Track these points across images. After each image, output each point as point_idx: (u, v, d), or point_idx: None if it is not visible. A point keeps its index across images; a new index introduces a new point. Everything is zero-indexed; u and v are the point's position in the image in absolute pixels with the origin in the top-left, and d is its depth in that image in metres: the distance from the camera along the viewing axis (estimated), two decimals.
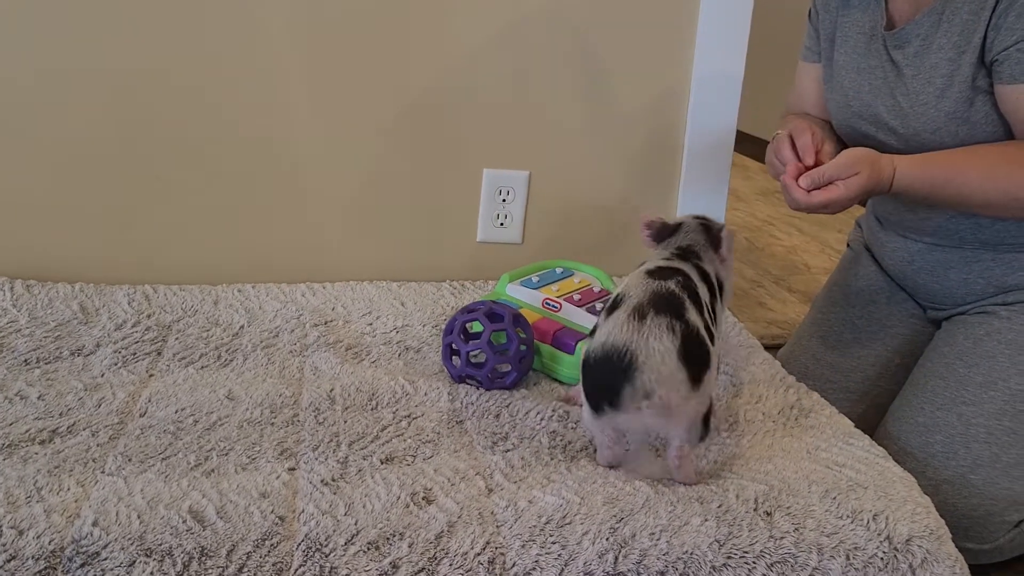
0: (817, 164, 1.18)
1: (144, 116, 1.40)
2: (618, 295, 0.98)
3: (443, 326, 1.23)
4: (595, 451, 1.02)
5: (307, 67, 1.44)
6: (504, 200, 1.55)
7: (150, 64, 1.39)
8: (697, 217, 1.14)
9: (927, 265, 1.35)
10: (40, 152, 1.39)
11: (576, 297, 1.30)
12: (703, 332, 0.95)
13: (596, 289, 1.33)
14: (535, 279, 1.34)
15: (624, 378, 0.90)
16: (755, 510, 0.93)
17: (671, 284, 0.97)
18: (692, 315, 0.94)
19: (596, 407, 0.94)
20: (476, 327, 1.18)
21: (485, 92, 1.50)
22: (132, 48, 1.38)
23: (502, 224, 1.56)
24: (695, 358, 0.92)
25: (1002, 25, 1.15)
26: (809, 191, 1.14)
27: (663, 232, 1.12)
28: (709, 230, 1.11)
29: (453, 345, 1.18)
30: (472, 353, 1.16)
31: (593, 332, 0.98)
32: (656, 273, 0.99)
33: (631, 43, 1.53)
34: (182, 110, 1.41)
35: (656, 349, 0.90)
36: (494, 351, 1.15)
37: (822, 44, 1.42)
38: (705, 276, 1.05)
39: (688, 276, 1.01)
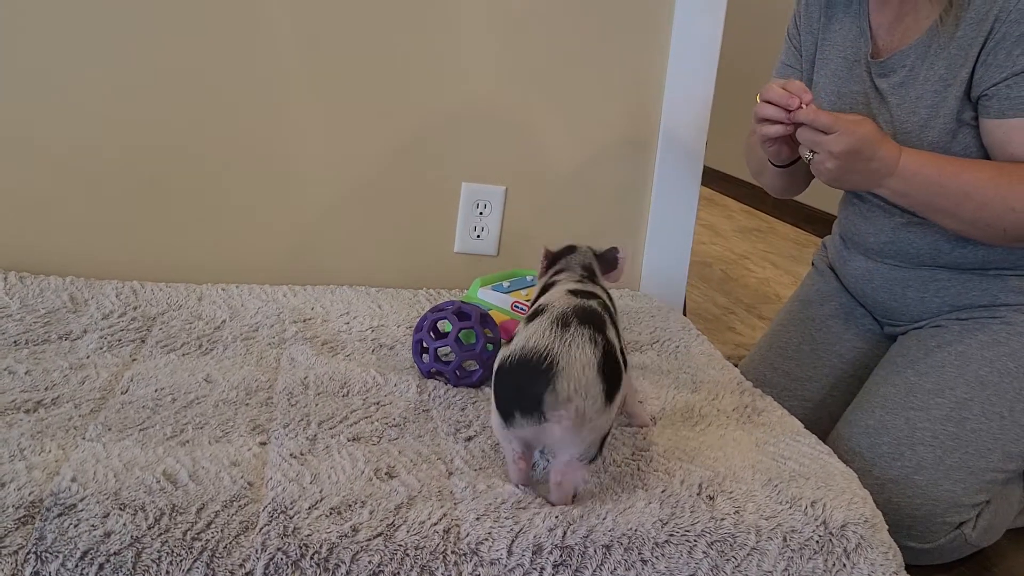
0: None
1: (139, 123, 1.47)
2: (539, 306, 0.97)
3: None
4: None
5: (295, 83, 1.51)
6: (481, 213, 1.62)
7: (144, 71, 1.46)
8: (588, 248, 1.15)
9: (886, 283, 1.41)
10: (36, 154, 1.45)
11: None
12: (619, 354, 0.94)
13: None
14: (506, 284, 1.40)
15: (544, 383, 0.87)
16: (699, 494, 0.99)
17: (593, 303, 0.97)
18: (611, 334, 0.94)
19: (507, 415, 0.91)
20: (446, 327, 1.24)
21: (466, 110, 1.58)
22: (126, 53, 1.45)
23: (479, 236, 1.63)
24: (611, 376, 0.91)
25: (991, 62, 1.19)
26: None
27: (555, 258, 1.13)
28: (604, 256, 1.13)
29: (423, 342, 1.23)
30: (440, 350, 1.22)
31: (510, 340, 0.95)
32: (577, 293, 0.99)
33: (606, 69, 1.61)
34: (176, 119, 1.48)
35: (577, 358, 0.88)
36: (462, 349, 1.20)
37: (803, 64, 1.46)
38: (607, 296, 1.06)
39: (602, 299, 1.01)
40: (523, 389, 0.88)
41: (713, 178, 4.23)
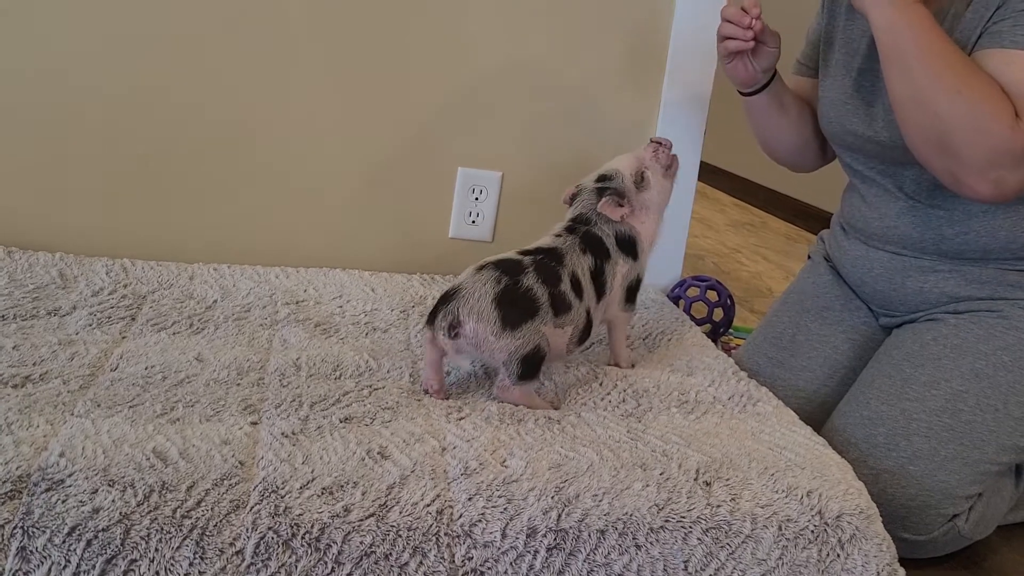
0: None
1: (133, 99, 1.45)
2: None
3: (412, 311, 1.29)
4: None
5: (290, 65, 1.49)
6: (477, 199, 1.61)
7: (138, 51, 1.44)
8: (599, 178, 1.25)
9: (886, 272, 1.40)
10: (27, 129, 1.43)
11: None
12: (539, 293, 1.10)
13: None
14: None
15: (445, 304, 1.08)
16: (695, 479, 0.98)
17: (523, 258, 1.13)
18: (528, 280, 1.10)
19: (431, 318, 1.09)
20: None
21: (463, 96, 1.56)
22: (120, 32, 1.43)
23: (474, 222, 1.61)
24: (515, 307, 1.08)
25: (992, 30, 1.20)
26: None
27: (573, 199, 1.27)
28: (600, 193, 1.23)
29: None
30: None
31: None
32: (522, 252, 1.15)
33: (604, 59, 1.60)
34: (171, 96, 1.46)
35: (476, 290, 1.08)
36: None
37: (820, 55, 1.46)
38: (593, 242, 1.19)
39: (554, 253, 1.15)
40: (437, 310, 1.09)
41: (705, 171, 4.21)
